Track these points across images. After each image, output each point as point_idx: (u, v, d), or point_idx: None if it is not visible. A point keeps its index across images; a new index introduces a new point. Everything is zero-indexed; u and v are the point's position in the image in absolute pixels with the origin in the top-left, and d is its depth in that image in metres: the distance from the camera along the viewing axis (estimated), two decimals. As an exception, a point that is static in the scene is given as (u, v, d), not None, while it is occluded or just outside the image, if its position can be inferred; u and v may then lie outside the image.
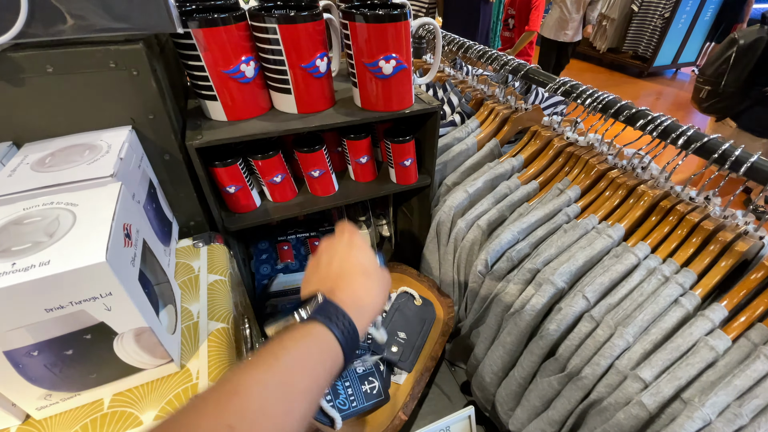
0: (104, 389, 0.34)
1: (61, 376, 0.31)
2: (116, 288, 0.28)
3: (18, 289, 0.25)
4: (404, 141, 0.60)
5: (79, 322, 0.28)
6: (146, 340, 0.32)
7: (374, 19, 0.48)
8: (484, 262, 0.60)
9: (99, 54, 0.39)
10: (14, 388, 0.30)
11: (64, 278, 0.26)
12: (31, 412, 0.32)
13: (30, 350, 0.28)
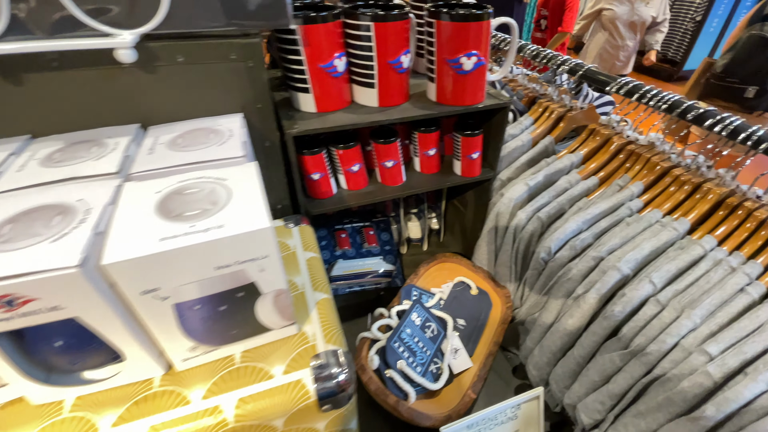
0: (237, 346, 0.37)
1: (210, 330, 0.35)
2: (272, 251, 0.32)
3: (199, 248, 0.29)
4: (474, 134, 0.63)
5: (237, 281, 0.32)
6: (281, 302, 0.36)
7: (460, 18, 0.52)
8: (548, 250, 0.62)
9: (223, 47, 0.43)
10: (171, 339, 0.34)
11: (235, 240, 0.30)
12: (176, 362, 0.36)
13: (195, 304, 0.32)
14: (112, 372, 0.34)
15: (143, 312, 0.31)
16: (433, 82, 0.58)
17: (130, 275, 0.28)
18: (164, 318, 0.32)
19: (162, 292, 0.30)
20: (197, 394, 0.35)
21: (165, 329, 0.32)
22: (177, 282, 0.30)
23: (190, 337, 0.34)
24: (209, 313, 0.33)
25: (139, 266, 0.28)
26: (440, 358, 0.63)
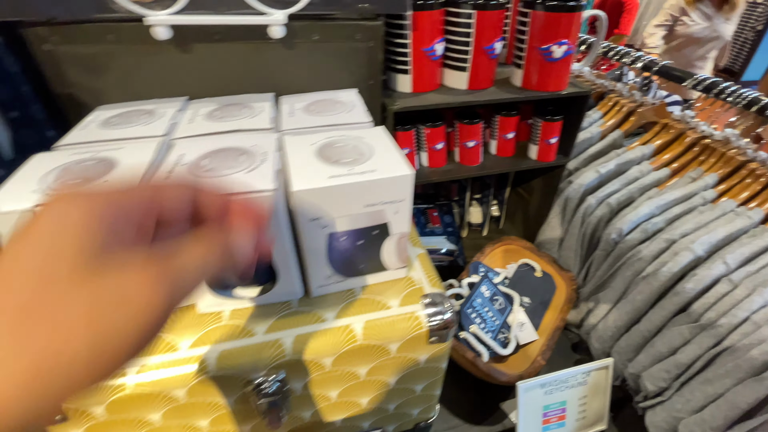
0: (359, 280, 0.43)
1: (346, 262, 0.41)
2: (408, 197, 0.37)
3: (358, 186, 0.35)
4: (554, 119, 0.67)
5: (376, 220, 0.38)
6: (401, 245, 0.42)
7: (555, 9, 0.56)
8: (619, 231, 0.65)
9: (350, 28, 0.50)
10: (317, 265, 0.40)
11: (385, 183, 0.35)
12: (313, 288, 0.42)
13: (342, 236, 0.38)
14: (264, 291, 0.41)
15: (306, 238, 0.37)
16: (520, 68, 0.63)
17: (307, 203, 0.34)
18: (319, 245, 0.38)
19: (323, 221, 0.36)
20: (330, 315, 0.41)
21: (316, 256, 0.39)
22: (336, 214, 0.36)
23: (330, 266, 0.40)
24: (349, 245, 0.39)
25: (315, 196, 0.34)
26: (507, 330, 0.67)
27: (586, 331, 0.70)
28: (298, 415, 0.46)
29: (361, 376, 0.44)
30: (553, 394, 0.56)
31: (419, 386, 0.49)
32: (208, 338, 0.38)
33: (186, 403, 0.38)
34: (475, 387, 0.66)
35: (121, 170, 0.35)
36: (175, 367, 0.36)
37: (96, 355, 0.14)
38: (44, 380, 0.13)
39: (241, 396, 0.40)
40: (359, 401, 0.48)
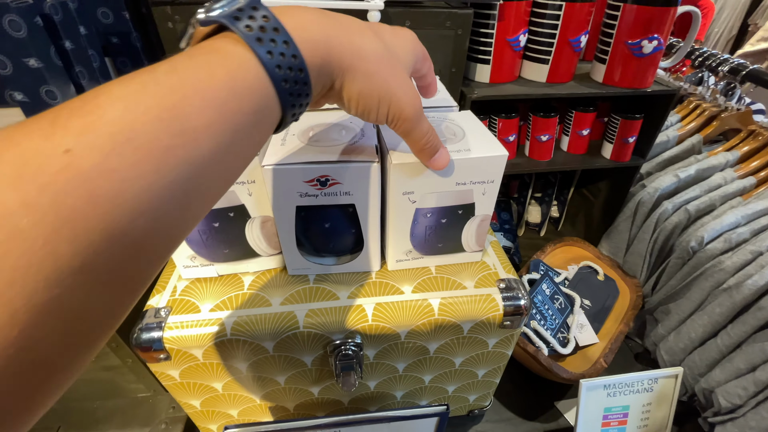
0: (435, 259, 0.45)
1: (427, 239, 0.42)
2: (497, 177, 0.38)
3: (453, 163, 0.36)
4: (635, 118, 0.64)
5: (462, 199, 0.39)
6: (482, 228, 0.42)
7: (649, 2, 0.54)
8: (700, 239, 0.62)
9: (442, 15, 0.51)
10: (399, 239, 0.41)
11: (480, 162, 0.36)
12: (391, 262, 0.44)
13: (428, 212, 0.40)
14: (347, 260, 0.44)
15: (394, 211, 0.39)
16: (603, 63, 0.61)
17: (402, 177, 0.36)
18: (405, 219, 0.40)
19: (414, 195, 0.38)
20: (407, 289, 0.43)
21: (400, 229, 0.41)
22: (426, 190, 0.38)
23: (411, 241, 0.42)
24: (433, 223, 0.41)
25: (410, 170, 0.36)
26: (566, 330, 0.66)
27: (654, 341, 0.67)
28: (365, 383, 0.48)
29: (430, 352, 0.45)
30: (616, 397, 0.54)
31: (482, 371, 0.50)
32: (296, 298, 0.41)
33: (272, 356, 0.42)
34: (531, 383, 0.65)
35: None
36: (269, 319, 0.39)
37: (403, 94, 0.25)
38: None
39: (319, 357, 0.43)
40: (422, 377, 0.49)
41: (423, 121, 0.29)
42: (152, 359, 0.40)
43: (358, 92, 0.23)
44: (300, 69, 0.19)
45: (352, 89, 0.23)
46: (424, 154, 0.32)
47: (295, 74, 0.19)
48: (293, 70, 0.19)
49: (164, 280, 0.43)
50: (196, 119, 0.16)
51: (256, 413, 0.50)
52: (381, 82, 0.23)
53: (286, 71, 0.19)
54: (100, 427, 0.56)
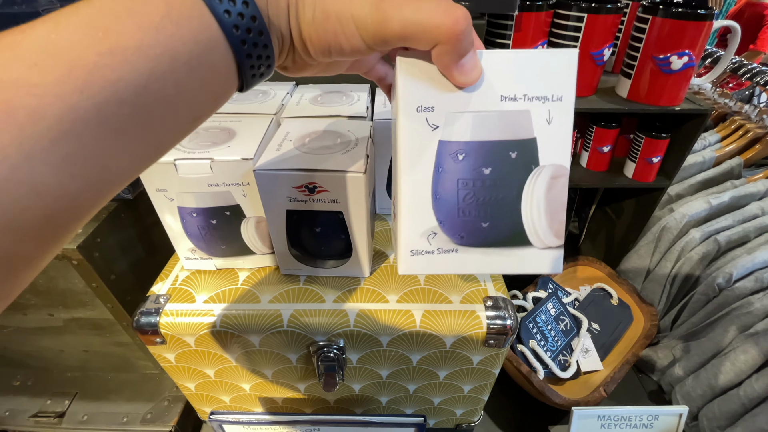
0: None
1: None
2: (571, 88, 0.25)
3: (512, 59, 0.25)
4: (660, 137, 0.61)
5: (514, 128, 0.39)
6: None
7: (679, 16, 0.51)
8: (728, 276, 0.57)
9: (453, 26, 0.51)
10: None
11: (538, 59, 0.24)
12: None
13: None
14: (336, 265, 0.45)
15: (406, 143, 0.31)
16: (629, 77, 0.58)
17: (414, 80, 0.24)
18: (423, 161, 0.34)
19: (434, 116, 0.32)
20: (393, 298, 0.43)
21: (416, 182, 0.35)
22: (454, 107, 0.31)
23: (435, 211, 0.42)
24: (470, 173, 0.40)
25: (426, 71, 0.24)
26: (569, 353, 0.64)
27: (669, 381, 0.63)
28: (349, 386, 0.49)
29: (413, 362, 0.45)
30: (611, 429, 0.52)
31: (467, 386, 0.49)
32: (284, 297, 0.43)
33: (258, 350, 0.43)
34: (526, 403, 0.63)
35: (239, 140, 0.40)
36: (256, 315, 0.41)
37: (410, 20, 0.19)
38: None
39: (304, 355, 0.44)
40: (407, 386, 0.49)
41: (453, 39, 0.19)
42: (150, 342, 0.43)
43: (311, 19, 0.19)
44: (245, 2, 0.17)
45: (305, 16, 0.19)
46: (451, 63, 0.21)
47: (239, 6, 0.17)
48: (236, 2, 0.17)
49: (169, 268, 0.47)
50: (127, 39, 0.14)
51: (246, 402, 0.52)
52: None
53: (227, 2, 0.17)
54: (111, 397, 0.61)
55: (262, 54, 0.19)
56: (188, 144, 0.39)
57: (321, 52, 0.20)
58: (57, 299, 0.52)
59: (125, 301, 0.52)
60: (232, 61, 0.18)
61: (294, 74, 0.24)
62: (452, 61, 0.20)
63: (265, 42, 0.19)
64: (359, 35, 0.19)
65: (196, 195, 0.39)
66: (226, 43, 0.17)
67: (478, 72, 0.22)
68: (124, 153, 0.16)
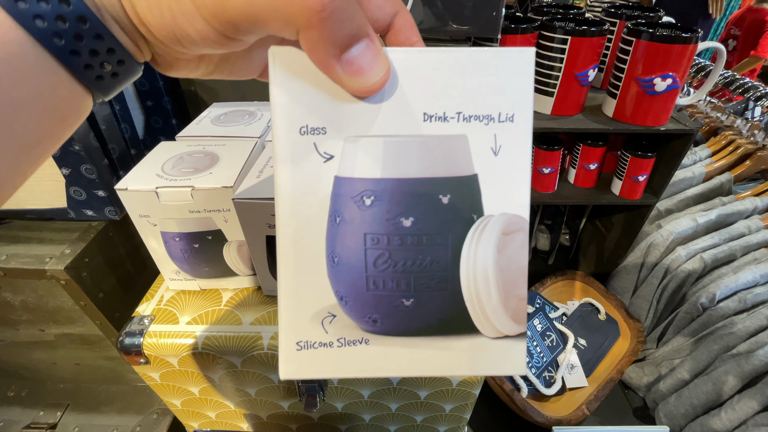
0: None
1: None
2: (527, 104, 0.26)
3: (434, 59, 0.18)
4: (645, 156, 0.61)
5: (446, 164, 0.40)
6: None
7: (662, 40, 0.51)
8: (711, 296, 0.57)
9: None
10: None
11: (476, 61, 0.18)
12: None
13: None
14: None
15: (285, 170, 0.40)
16: (614, 97, 0.58)
17: (291, 78, 0.18)
18: (308, 201, 0.41)
19: (324, 140, 0.39)
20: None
21: (301, 236, 0.42)
22: (349, 122, 0.38)
23: (330, 275, 0.43)
24: (383, 226, 0.41)
25: (305, 66, 0.19)
26: (555, 369, 0.64)
27: (654, 399, 0.63)
28: (332, 404, 0.50)
29: (393, 383, 0.46)
30: (593, 450, 0.52)
31: (448, 406, 0.50)
32: (265, 319, 0.44)
33: (240, 371, 0.44)
34: (511, 420, 0.64)
35: (221, 165, 0.41)
36: (236, 338, 0.42)
37: None
38: None
39: (285, 375, 0.45)
40: (389, 405, 0.50)
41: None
42: (134, 362, 0.44)
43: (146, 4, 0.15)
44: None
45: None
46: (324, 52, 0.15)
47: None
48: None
49: (155, 288, 0.48)
50: None
51: (231, 418, 0.53)
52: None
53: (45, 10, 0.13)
54: (102, 409, 0.62)
55: (97, 48, 0.15)
56: (171, 170, 0.40)
57: (169, 40, 0.16)
58: (47, 316, 0.53)
59: (113, 318, 0.53)
60: (52, 63, 0.14)
61: (169, 72, 0.19)
62: (328, 54, 0.15)
63: (97, 31, 0.14)
64: (201, 16, 0.15)
65: (178, 221, 0.40)
66: (32, 41, 0.14)
67: (381, 74, 0.15)
68: None
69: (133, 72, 0.17)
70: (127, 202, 0.39)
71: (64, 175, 0.47)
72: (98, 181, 0.47)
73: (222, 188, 0.38)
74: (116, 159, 0.50)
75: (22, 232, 0.51)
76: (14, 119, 0.14)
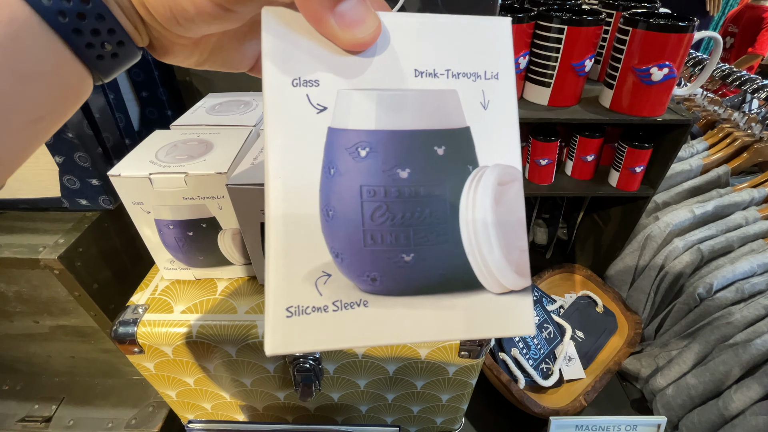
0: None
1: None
2: (507, 62, 0.21)
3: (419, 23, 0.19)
4: (642, 147, 0.61)
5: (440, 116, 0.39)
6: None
7: (659, 28, 0.51)
8: (708, 287, 0.57)
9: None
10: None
11: (463, 26, 0.19)
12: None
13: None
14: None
15: (277, 130, 0.40)
16: (611, 88, 0.58)
17: (284, 36, 0.18)
18: (302, 161, 0.40)
19: (318, 91, 0.39)
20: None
21: (291, 189, 0.42)
22: (345, 75, 0.38)
23: (327, 240, 0.43)
24: (381, 177, 0.41)
25: (300, 22, 0.19)
26: (552, 361, 0.64)
27: (652, 390, 0.63)
28: (328, 395, 0.50)
29: (389, 372, 0.46)
30: (590, 440, 0.52)
31: (445, 396, 0.50)
32: (261, 308, 0.43)
33: (236, 360, 0.44)
34: (508, 411, 0.64)
35: (215, 153, 0.41)
36: (231, 326, 0.42)
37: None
38: None
39: (281, 365, 0.45)
40: (385, 395, 0.50)
41: None
42: (128, 351, 0.43)
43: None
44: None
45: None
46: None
47: None
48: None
49: (150, 278, 0.47)
50: None
51: (227, 409, 0.53)
52: None
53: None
54: (98, 403, 0.62)
55: (99, 27, 0.15)
56: (164, 158, 0.40)
57: (166, 18, 0.16)
58: (41, 307, 0.52)
59: (108, 309, 0.53)
60: (56, 41, 0.15)
61: (165, 57, 0.19)
62: (321, 7, 0.15)
63: (99, 11, 0.15)
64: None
65: (171, 208, 0.40)
66: (38, 19, 0.14)
67: (372, 28, 0.16)
68: None
69: (132, 55, 0.18)
70: (120, 188, 0.38)
71: (57, 164, 0.46)
72: (92, 169, 0.47)
73: (216, 174, 0.37)
74: (110, 148, 0.50)
75: (16, 222, 0.51)
76: (21, 94, 0.15)
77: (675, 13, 0.54)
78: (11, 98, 0.14)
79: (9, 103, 0.14)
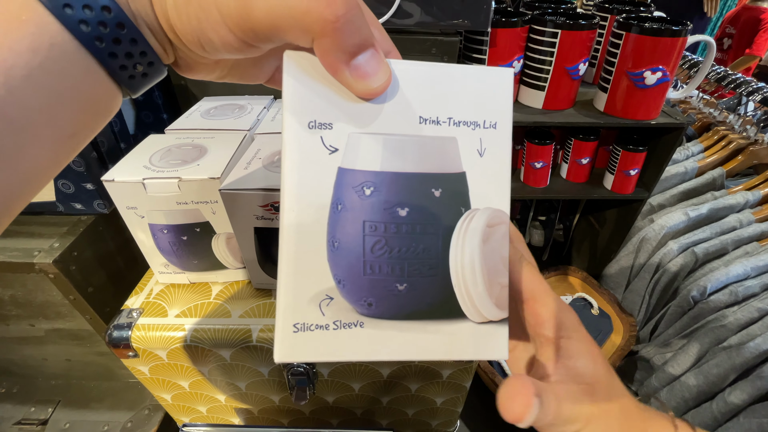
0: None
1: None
2: (506, 113, 0.22)
3: (429, 72, 0.21)
4: (637, 150, 0.61)
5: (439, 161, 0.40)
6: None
7: (652, 32, 0.51)
8: (702, 290, 0.58)
9: (428, 42, 0.51)
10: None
11: (467, 77, 0.20)
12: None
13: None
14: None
15: (294, 166, 0.40)
16: (605, 91, 0.58)
17: (304, 83, 0.20)
18: (314, 196, 0.41)
19: (331, 135, 0.39)
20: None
21: (302, 224, 0.42)
22: (356, 123, 0.38)
23: (331, 265, 0.43)
24: (378, 215, 0.41)
25: (320, 71, 0.20)
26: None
27: (646, 392, 0.63)
28: (322, 398, 0.50)
29: (384, 375, 0.46)
30: (585, 443, 0.52)
31: (439, 399, 0.50)
32: (254, 312, 0.43)
33: (230, 363, 0.44)
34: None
35: (209, 157, 0.41)
36: (225, 330, 0.42)
37: None
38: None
39: (275, 368, 0.45)
40: (380, 399, 0.50)
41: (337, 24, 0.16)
42: (123, 355, 0.43)
43: (173, 3, 0.16)
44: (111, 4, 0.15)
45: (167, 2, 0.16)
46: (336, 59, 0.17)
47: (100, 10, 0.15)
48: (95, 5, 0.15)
49: (144, 281, 0.47)
50: None
51: (222, 412, 0.53)
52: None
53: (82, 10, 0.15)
54: (93, 406, 0.62)
55: (132, 51, 0.17)
56: (158, 162, 0.40)
57: (193, 44, 0.17)
58: (37, 311, 0.52)
59: (104, 313, 0.53)
60: (92, 63, 0.16)
61: (188, 74, 0.21)
62: (338, 60, 0.16)
63: (132, 36, 0.16)
64: (225, 24, 0.16)
65: (165, 212, 0.40)
66: (76, 44, 0.15)
67: (383, 79, 0.17)
68: None
69: (160, 72, 0.19)
70: (114, 193, 0.38)
71: (52, 169, 0.46)
72: (87, 173, 0.47)
73: (209, 179, 0.38)
74: (105, 152, 0.50)
75: (11, 226, 0.51)
76: (57, 111, 0.16)
77: (672, 14, 0.55)
78: (50, 116, 0.15)
79: (48, 120, 0.15)
